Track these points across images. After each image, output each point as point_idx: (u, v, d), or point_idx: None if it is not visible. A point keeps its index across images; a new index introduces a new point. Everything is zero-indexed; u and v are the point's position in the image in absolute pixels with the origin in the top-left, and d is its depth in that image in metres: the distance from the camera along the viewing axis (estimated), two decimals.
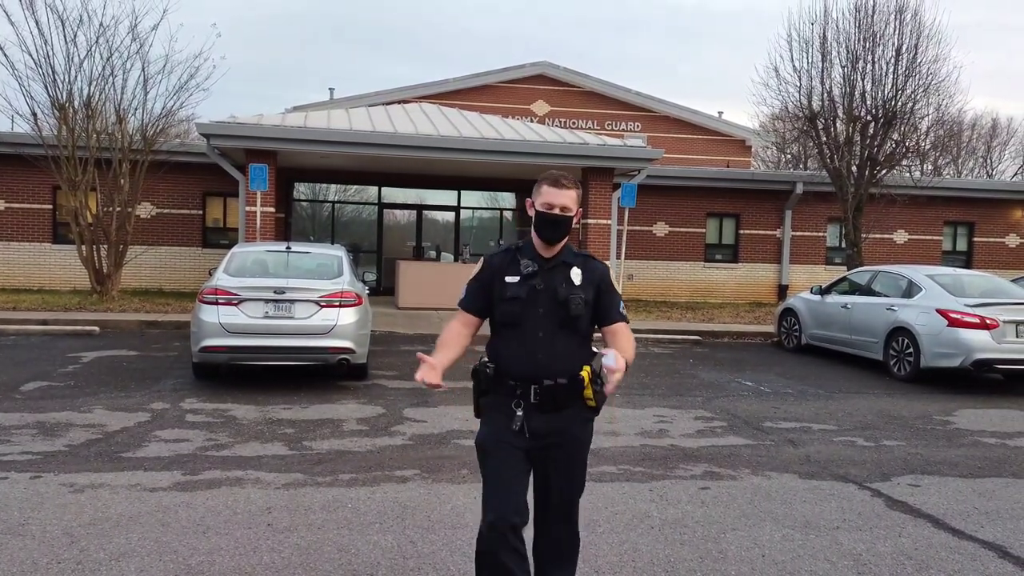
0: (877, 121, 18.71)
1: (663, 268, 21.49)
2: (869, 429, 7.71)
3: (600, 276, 3.14)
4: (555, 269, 3.08)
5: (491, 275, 3.13)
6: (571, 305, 3.01)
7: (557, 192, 3.04)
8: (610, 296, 3.13)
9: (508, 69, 28.02)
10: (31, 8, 15.56)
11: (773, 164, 37.93)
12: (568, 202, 3.05)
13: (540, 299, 3.03)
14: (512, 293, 3.04)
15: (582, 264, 3.14)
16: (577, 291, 3.04)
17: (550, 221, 3.04)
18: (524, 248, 3.15)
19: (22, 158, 17.23)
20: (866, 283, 12.57)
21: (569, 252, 3.15)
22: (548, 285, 3.04)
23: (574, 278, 3.08)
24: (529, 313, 3.02)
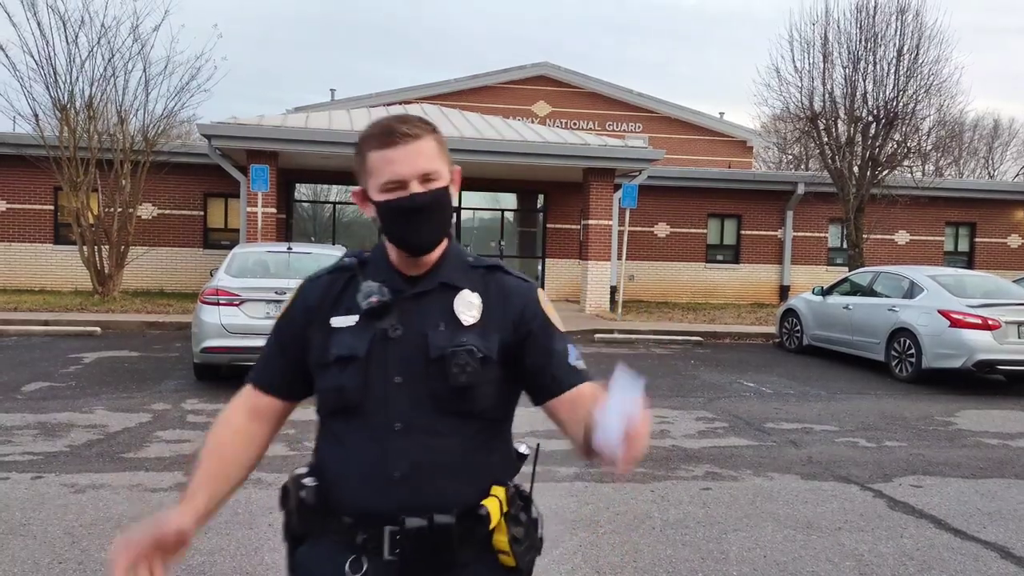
0: (879, 122, 18.70)
1: (664, 269, 21.48)
2: (871, 430, 7.70)
3: (522, 304, 1.68)
4: (426, 298, 1.64)
5: (305, 317, 1.69)
6: (452, 367, 1.57)
7: (398, 153, 1.58)
8: (548, 339, 1.67)
9: (509, 70, 28.03)
10: (33, 9, 15.59)
11: (774, 165, 37.92)
12: (427, 163, 1.59)
13: (394, 358, 1.59)
14: (341, 350, 1.61)
15: (482, 282, 1.68)
16: (468, 338, 1.60)
17: (405, 211, 1.59)
18: (370, 263, 1.70)
19: (24, 159, 17.25)
20: (868, 284, 12.56)
21: (456, 261, 1.69)
22: (411, 329, 1.60)
23: (463, 311, 1.64)
24: (375, 387, 1.59)
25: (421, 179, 1.58)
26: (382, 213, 1.61)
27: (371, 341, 1.59)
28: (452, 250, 1.70)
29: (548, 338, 1.68)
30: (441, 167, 1.61)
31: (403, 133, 1.58)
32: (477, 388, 1.59)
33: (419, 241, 1.62)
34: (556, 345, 1.68)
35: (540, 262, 21.10)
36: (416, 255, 1.64)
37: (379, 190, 1.59)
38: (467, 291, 1.66)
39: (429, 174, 1.59)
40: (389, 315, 1.61)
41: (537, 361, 1.66)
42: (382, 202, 1.60)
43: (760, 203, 21.74)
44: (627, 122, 28.88)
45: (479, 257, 1.75)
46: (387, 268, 1.67)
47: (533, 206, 21.39)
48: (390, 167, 1.57)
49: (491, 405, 1.64)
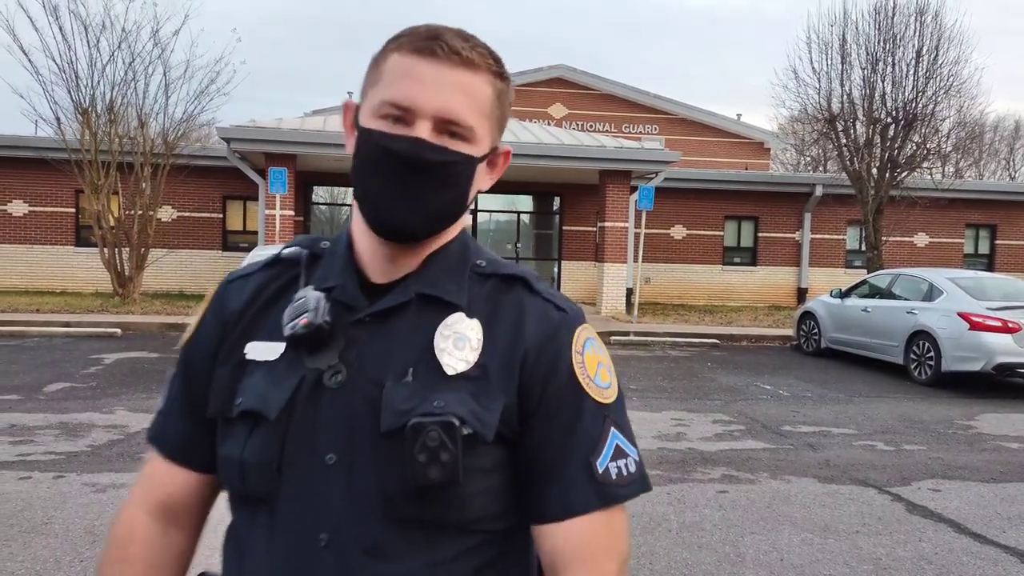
0: (897, 123, 18.58)
1: (681, 271, 21.42)
2: (889, 433, 7.65)
3: (542, 342, 1.02)
4: (392, 321, 1.02)
5: (219, 335, 1.10)
6: (415, 451, 0.94)
7: (430, 69, 0.98)
8: (571, 414, 1.01)
9: (525, 72, 28.04)
10: (55, 14, 15.78)
11: (792, 167, 37.74)
12: (461, 105, 0.99)
13: (328, 423, 0.99)
14: (247, 401, 1.02)
15: (490, 303, 1.05)
16: (449, 399, 0.97)
17: (390, 157, 0.97)
18: (326, 256, 1.10)
19: (45, 162, 17.45)
20: (886, 286, 12.48)
21: (455, 263, 1.06)
22: (361, 376, 0.99)
23: (449, 350, 1.00)
24: (295, 469, 0.99)
25: (440, 123, 0.97)
26: (360, 150, 0.99)
27: (295, 391, 0.98)
28: (453, 246, 1.06)
29: (571, 416, 1.01)
30: (481, 126, 1.00)
31: (452, 48, 0.97)
32: (458, 488, 0.94)
33: (398, 217, 0.97)
34: (580, 430, 1.01)
35: (556, 264, 21.11)
36: (390, 238, 1.00)
37: (375, 111, 0.98)
38: (460, 315, 1.01)
39: (456, 123, 0.97)
40: (330, 348, 0.99)
41: (543, 453, 1.00)
42: (366, 131, 0.99)
43: (778, 205, 21.63)
44: (643, 124, 28.83)
45: (497, 260, 1.08)
46: (344, 266, 1.05)
47: (549, 208, 21.40)
48: (406, 83, 0.97)
49: (491, 512, 1.00)
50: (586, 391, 1.02)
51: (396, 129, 0.97)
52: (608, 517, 1.01)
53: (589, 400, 1.02)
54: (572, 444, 1.00)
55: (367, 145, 0.99)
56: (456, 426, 0.94)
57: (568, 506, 0.99)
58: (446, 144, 0.98)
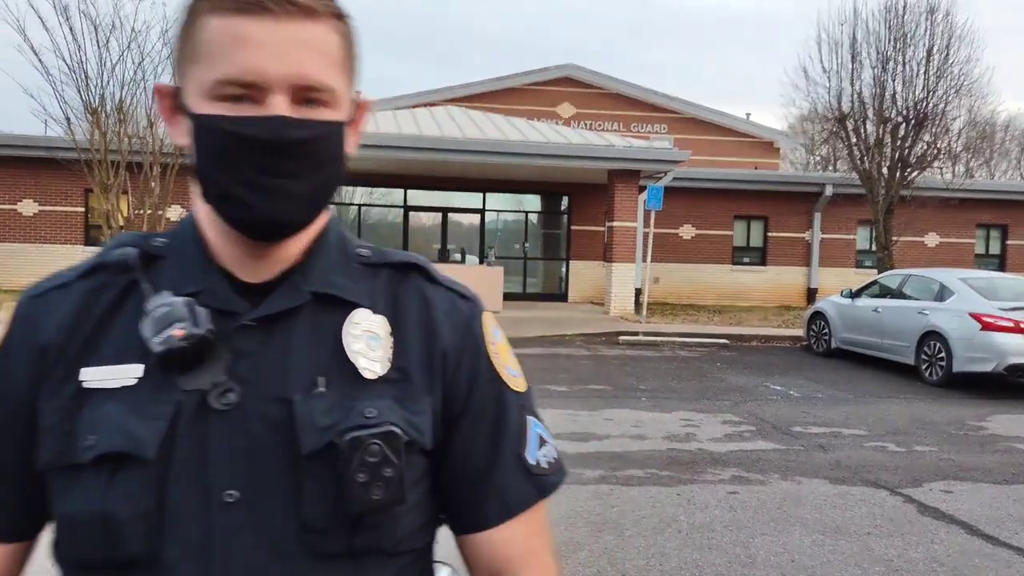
0: (908, 122, 18.48)
1: (690, 271, 21.36)
2: (900, 434, 7.60)
3: (460, 340, 0.93)
4: (285, 326, 0.87)
5: (32, 368, 0.87)
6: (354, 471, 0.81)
7: (264, 29, 0.80)
8: (496, 414, 0.94)
9: (533, 72, 28.02)
10: (65, 15, 15.82)
11: (802, 166, 37.60)
12: (315, 66, 0.82)
13: (223, 455, 0.82)
14: (107, 441, 0.81)
15: (388, 295, 0.93)
16: (379, 406, 0.85)
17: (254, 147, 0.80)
18: (169, 256, 0.91)
19: (55, 161, 17.52)
20: (897, 286, 12.41)
21: (338, 253, 0.93)
22: (257, 393, 0.84)
23: (362, 351, 0.88)
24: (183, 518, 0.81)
25: (297, 92, 0.81)
26: (203, 143, 0.82)
27: (172, 420, 0.81)
28: (330, 234, 0.93)
29: (496, 418, 0.94)
30: (339, 83, 0.85)
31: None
32: (398, 507, 0.85)
33: (271, 213, 0.82)
34: (508, 424, 0.94)
35: (564, 264, 21.08)
36: (263, 238, 0.86)
37: (207, 92, 0.81)
38: (366, 311, 0.90)
39: (315, 88, 0.82)
40: (211, 363, 0.83)
41: (472, 455, 0.93)
42: (208, 119, 0.81)
43: (787, 205, 21.55)
44: (652, 123, 28.77)
45: (380, 248, 0.98)
46: (202, 266, 0.89)
47: (557, 208, 21.37)
48: (242, 53, 0.79)
49: (416, 528, 0.90)
50: (505, 383, 0.95)
51: (245, 110, 0.80)
52: (541, 509, 0.96)
53: (509, 392, 0.95)
54: (502, 441, 0.93)
55: (212, 135, 0.81)
56: (399, 435, 0.83)
57: (509, 507, 0.93)
58: (308, 115, 0.82)
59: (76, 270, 0.93)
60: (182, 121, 0.86)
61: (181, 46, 0.85)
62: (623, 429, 7.32)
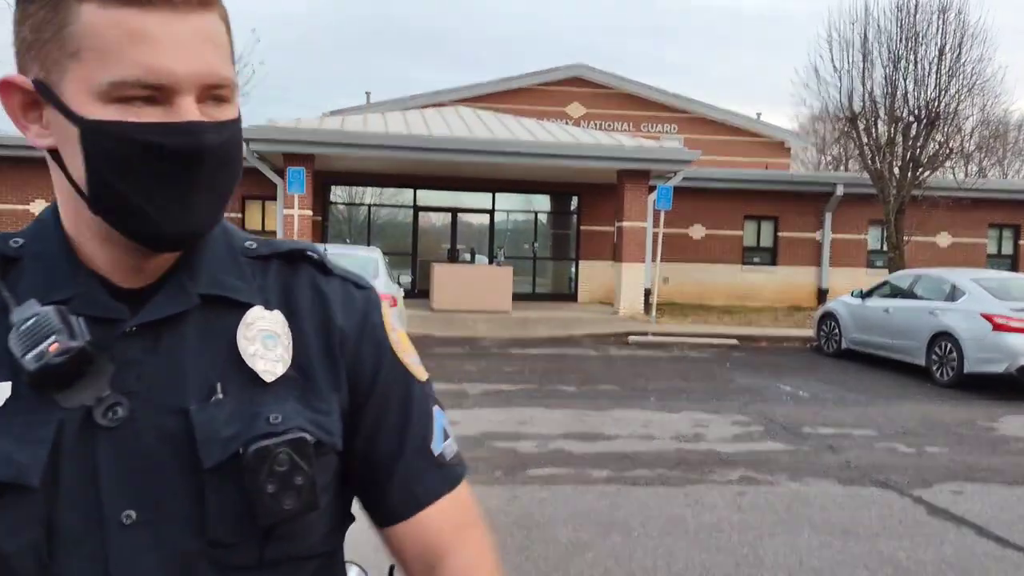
0: (920, 122, 18.39)
1: (700, 271, 21.31)
2: (911, 435, 7.57)
3: (358, 330, 0.90)
4: (174, 331, 0.81)
5: None
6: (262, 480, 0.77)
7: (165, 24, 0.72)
8: (401, 403, 0.92)
9: (543, 72, 28.00)
10: None
11: (813, 166, 37.47)
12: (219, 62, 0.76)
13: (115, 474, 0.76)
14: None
15: (279, 288, 0.88)
16: (283, 410, 0.81)
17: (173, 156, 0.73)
18: (29, 259, 0.83)
19: None
20: (908, 287, 12.35)
21: (220, 247, 0.87)
22: (149, 405, 0.78)
23: (259, 352, 0.83)
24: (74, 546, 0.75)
25: (204, 93, 0.76)
26: (99, 152, 0.74)
27: (54, 442, 0.75)
28: (214, 231, 0.86)
29: (402, 401, 0.91)
30: (234, 74, 0.80)
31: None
32: (311, 514, 0.81)
33: (184, 226, 0.77)
34: (413, 415, 0.92)
35: (574, 264, 21.08)
36: (169, 250, 0.81)
37: (100, 94, 0.72)
38: (259, 308, 0.85)
39: (220, 87, 0.77)
40: (93, 377, 0.76)
41: (378, 448, 0.90)
42: (108, 127, 0.73)
43: (798, 205, 21.48)
44: (662, 123, 28.72)
45: (265, 239, 0.92)
46: (73, 270, 0.81)
47: (567, 208, 21.37)
48: (143, 51, 0.72)
49: (326, 530, 0.88)
50: (410, 372, 0.92)
51: (150, 115, 0.72)
52: (454, 496, 0.93)
53: (414, 381, 0.92)
54: (408, 432, 0.91)
55: (120, 146, 0.72)
56: (308, 442, 0.79)
57: (418, 499, 0.90)
58: (214, 116, 0.76)
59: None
60: (51, 121, 0.76)
61: (44, 34, 0.73)
62: (631, 429, 7.32)
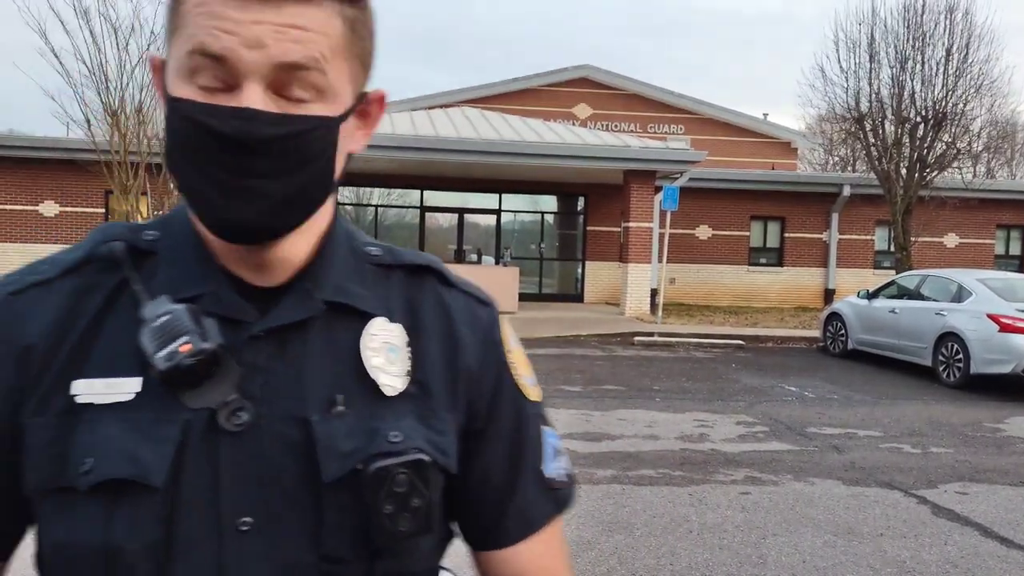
0: (927, 122, 18.34)
1: (706, 272, 21.29)
2: (916, 436, 7.56)
3: (481, 349, 0.87)
4: (298, 337, 0.79)
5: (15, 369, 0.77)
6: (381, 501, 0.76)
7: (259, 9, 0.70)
8: (518, 428, 0.89)
9: (550, 73, 28.01)
10: (86, 18, 16.02)
11: (820, 166, 37.39)
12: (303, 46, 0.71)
13: (235, 480, 0.75)
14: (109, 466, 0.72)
15: (403, 300, 0.86)
16: (403, 427, 0.79)
17: (214, 140, 0.71)
18: (163, 251, 0.81)
19: (75, 163, 17.74)
20: (915, 287, 12.33)
21: (346, 254, 0.85)
22: (272, 413, 0.76)
23: (381, 365, 0.81)
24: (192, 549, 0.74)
25: (278, 80, 0.72)
26: (171, 129, 0.74)
27: (180, 443, 0.74)
28: (338, 233, 0.86)
29: (519, 427, 0.89)
30: (336, 73, 0.75)
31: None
32: (425, 537, 0.80)
33: (237, 215, 0.73)
34: (527, 438, 0.90)
35: (580, 264, 21.09)
36: (234, 240, 0.76)
37: (181, 68, 0.73)
38: (381, 320, 0.83)
39: (302, 70, 0.72)
40: (219, 379, 0.75)
41: (493, 471, 0.88)
42: (177, 104, 0.73)
43: (804, 205, 21.44)
44: (669, 124, 28.69)
45: (390, 246, 0.91)
46: (202, 265, 0.80)
47: (573, 208, 21.38)
48: (216, 24, 0.70)
49: (433, 550, 0.86)
50: (524, 394, 0.90)
51: (217, 98, 0.71)
52: (559, 524, 0.92)
53: (527, 403, 0.90)
54: (521, 456, 0.89)
55: (182, 123, 0.72)
56: (427, 464, 0.78)
57: (528, 523, 0.89)
58: (290, 109, 0.72)
59: (57, 264, 0.81)
60: (164, 100, 0.76)
61: (168, 16, 0.76)
62: (636, 429, 7.33)
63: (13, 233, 19.18)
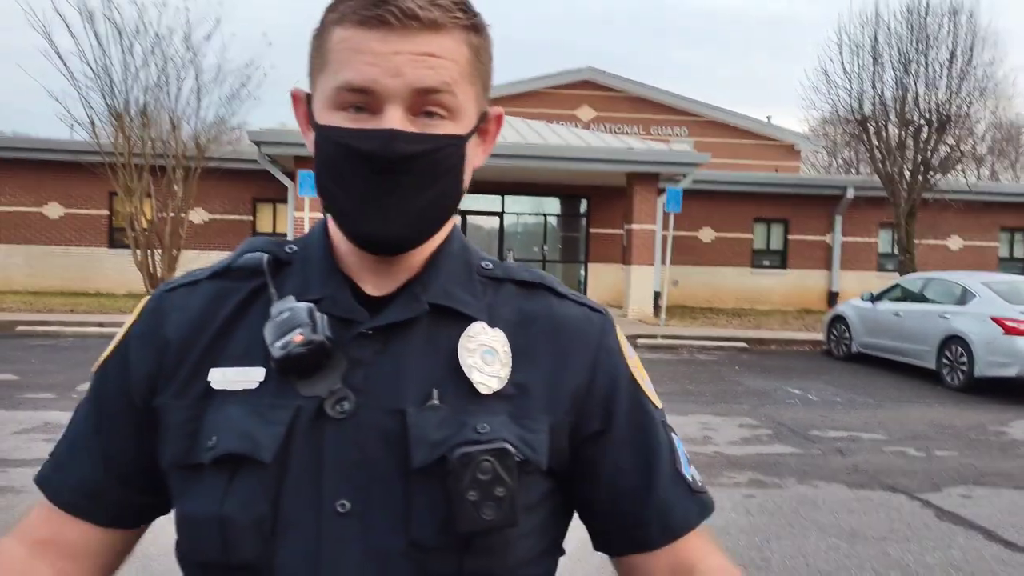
0: (931, 125, 18.33)
1: (709, 274, 21.28)
2: (920, 439, 7.55)
3: (592, 359, 0.90)
4: (402, 336, 0.86)
5: (154, 365, 0.88)
6: (464, 487, 0.78)
7: (385, 39, 0.79)
8: (645, 435, 0.91)
9: (553, 75, 28.02)
10: (90, 20, 16.05)
11: (824, 169, 37.35)
12: (436, 74, 0.80)
13: (338, 464, 0.81)
14: (225, 442, 0.81)
15: (511, 311, 0.90)
16: (492, 423, 0.82)
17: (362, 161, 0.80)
18: (298, 262, 0.92)
19: (80, 165, 17.77)
20: (919, 290, 12.31)
21: (458, 265, 0.92)
22: (373, 403, 0.82)
23: (477, 365, 0.85)
24: (296, 524, 0.80)
25: (415, 103, 0.80)
26: (321, 154, 0.83)
27: (290, 426, 0.81)
28: (453, 245, 0.93)
29: (645, 429, 0.91)
30: (464, 96, 0.83)
31: (406, 11, 0.79)
32: (511, 530, 0.81)
33: (383, 229, 0.82)
34: (660, 442, 0.92)
35: (583, 267, 21.08)
36: (376, 252, 0.85)
37: (329, 101, 0.82)
38: (481, 324, 0.88)
39: (434, 101, 0.81)
40: (329, 371, 0.83)
41: (622, 482, 0.89)
42: (325, 131, 0.82)
43: (808, 207, 21.42)
44: (672, 126, 28.68)
45: (505, 263, 0.96)
46: (327, 273, 0.89)
47: (576, 211, 21.38)
48: (359, 61, 0.79)
49: (533, 556, 0.87)
50: (650, 399, 0.93)
51: (361, 122, 0.80)
52: (706, 525, 0.93)
53: (653, 409, 0.93)
54: (656, 458, 0.90)
55: (328, 146, 0.82)
56: (511, 453, 0.80)
57: (672, 528, 0.90)
58: (426, 129, 0.81)
59: (206, 270, 0.94)
60: (311, 132, 0.86)
61: (314, 56, 0.85)
62: None
63: (17, 235, 19.23)
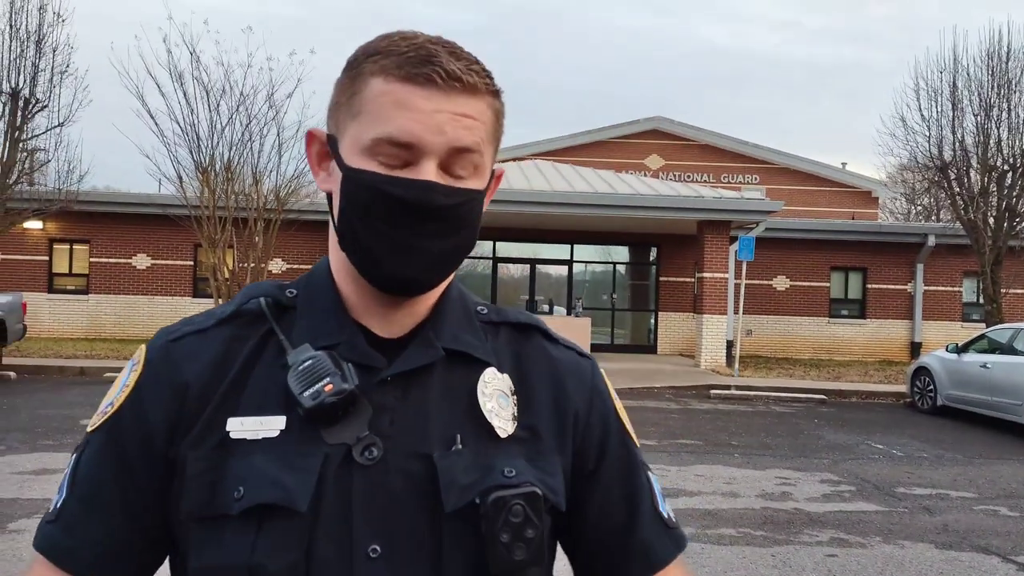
0: (1015, 170, 17.72)
1: (784, 323, 20.81)
2: (1013, 498, 7.16)
3: (586, 399, 0.97)
4: (421, 382, 0.89)
5: (169, 415, 0.86)
6: (499, 530, 0.82)
7: (431, 98, 0.83)
8: (629, 470, 0.98)
9: (621, 125, 28.21)
10: (180, 81, 16.91)
11: (902, 216, 36.40)
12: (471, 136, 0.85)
13: (368, 509, 0.83)
14: (258, 492, 0.81)
15: (509, 353, 0.96)
16: (516, 466, 0.87)
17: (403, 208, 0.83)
18: (303, 305, 0.94)
19: (167, 218, 18.57)
20: (1007, 341, 11.80)
21: (459, 310, 0.96)
22: (399, 449, 0.85)
23: (495, 409, 0.90)
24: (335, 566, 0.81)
25: (450, 160, 0.85)
26: (352, 196, 0.85)
27: (320, 473, 0.82)
28: (452, 291, 0.96)
29: (630, 469, 0.98)
30: (487, 153, 0.89)
31: (451, 74, 0.83)
32: (535, 568, 0.85)
33: (408, 270, 0.85)
34: (641, 481, 0.98)
35: (653, 315, 20.89)
36: (397, 293, 0.88)
37: (364, 148, 0.84)
38: (493, 370, 0.92)
39: (465, 160, 0.86)
40: (353, 417, 0.84)
41: (608, 520, 0.94)
42: (361, 175, 0.84)
43: (887, 255, 20.86)
44: (743, 174, 28.45)
45: (496, 306, 1.00)
46: (337, 318, 0.91)
47: (646, 259, 21.28)
48: (403, 117, 0.82)
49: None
50: (632, 439, 1.00)
51: (399, 172, 0.83)
52: (680, 563, 0.98)
53: (636, 449, 1.00)
54: (638, 497, 0.96)
55: (364, 191, 0.84)
56: (541, 496, 0.85)
57: (652, 564, 0.95)
58: (454, 183, 0.85)
59: (212, 317, 0.94)
60: (331, 169, 0.89)
61: (344, 99, 0.87)
62: (715, 486, 7.14)
63: (108, 285, 20.12)
